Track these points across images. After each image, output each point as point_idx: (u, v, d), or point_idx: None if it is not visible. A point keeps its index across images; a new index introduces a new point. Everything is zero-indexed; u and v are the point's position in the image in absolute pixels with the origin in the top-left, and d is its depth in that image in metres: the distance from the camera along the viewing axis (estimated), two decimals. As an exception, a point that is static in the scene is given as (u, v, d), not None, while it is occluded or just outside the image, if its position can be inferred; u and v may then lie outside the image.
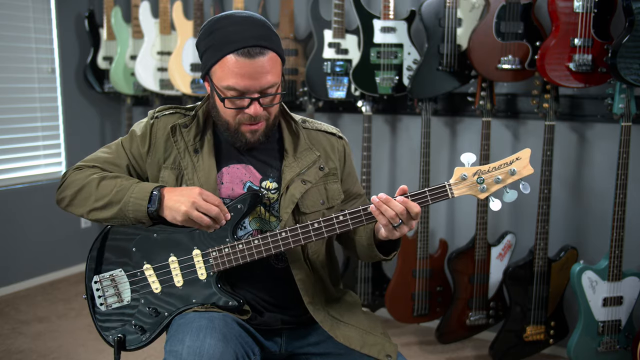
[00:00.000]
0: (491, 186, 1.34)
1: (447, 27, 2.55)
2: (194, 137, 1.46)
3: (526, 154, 1.34)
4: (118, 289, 1.44)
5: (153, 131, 1.48)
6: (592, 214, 2.64)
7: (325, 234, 1.36)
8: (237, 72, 1.30)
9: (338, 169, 1.53)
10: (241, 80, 1.31)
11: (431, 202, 1.33)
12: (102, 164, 1.50)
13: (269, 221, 1.47)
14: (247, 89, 1.32)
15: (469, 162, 1.33)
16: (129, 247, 1.43)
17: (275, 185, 1.46)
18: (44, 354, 2.70)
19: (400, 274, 2.74)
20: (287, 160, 1.46)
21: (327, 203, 1.50)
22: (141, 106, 3.84)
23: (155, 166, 1.48)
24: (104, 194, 1.41)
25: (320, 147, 1.51)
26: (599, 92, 2.49)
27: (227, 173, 1.46)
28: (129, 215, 1.39)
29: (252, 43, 1.30)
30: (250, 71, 1.30)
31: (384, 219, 1.31)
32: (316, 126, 1.55)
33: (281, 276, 1.47)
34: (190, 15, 3.28)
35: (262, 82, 1.32)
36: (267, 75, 1.32)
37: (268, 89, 1.34)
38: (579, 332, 2.34)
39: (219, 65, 1.33)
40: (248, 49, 1.30)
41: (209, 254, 1.39)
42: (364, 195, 1.63)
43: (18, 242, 3.47)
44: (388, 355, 1.43)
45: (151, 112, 1.52)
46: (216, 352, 1.24)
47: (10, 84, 3.41)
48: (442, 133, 2.92)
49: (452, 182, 1.34)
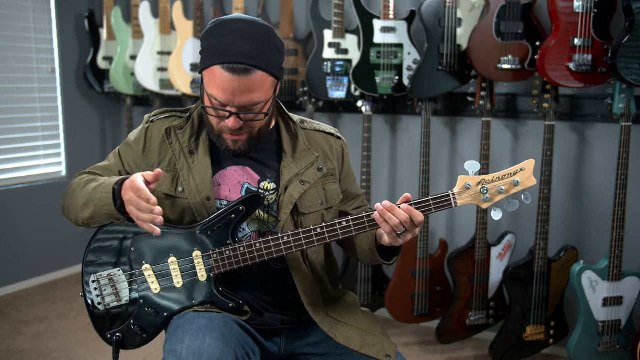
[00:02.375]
0: (494, 196, 1.34)
1: (447, 27, 2.55)
2: (189, 138, 1.46)
3: (530, 165, 1.33)
4: (116, 288, 1.43)
5: (148, 135, 1.49)
6: (592, 214, 2.64)
7: (328, 240, 1.36)
8: (219, 84, 1.30)
9: (336, 170, 1.54)
10: (222, 94, 1.31)
11: (434, 211, 1.33)
12: (99, 170, 1.53)
13: (267, 222, 1.46)
14: (227, 103, 1.32)
15: (473, 171, 1.33)
16: (128, 246, 1.43)
17: (273, 186, 1.46)
18: (44, 354, 2.70)
19: (400, 274, 2.74)
20: (285, 161, 1.46)
21: (325, 203, 1.50)
22: (141, 106, 3.84)
23: (150, 170, 1.47)
24: (85, 194, 1.43)
25: (319, 148, 1.52)
26: (599, 92, 2.49)
27: (225, 175, 1.46)
28: (103, 211, 1.39)
29: (239, 60, 1.28)
30: (231, 87, 1.30)
31: (387, 226, 1.31)
32: (314, 126, 1.55)
33: (280, 277, 1.47)
34: (190, 15, 3.28)
35: (243, 99, 1.31)
36: (249, 94, 1.31)
37: (250, 106, 1.33)
38: (579, 332, 2.34)
39: (207, 72, 1.33)
40: (233, 65, 1.28)
41: (209, 256, 1.39)
42: (362, 196, 1.63)
43: (18, 242, 3.47)
44: (387, 355, 1.43)
45: (147, 116, 1.53)
46: (216, 351, 1.24)
47: (10, 84, 3.41)
48: (442, 133, 2.92)
49: (456, 192, 1.34)
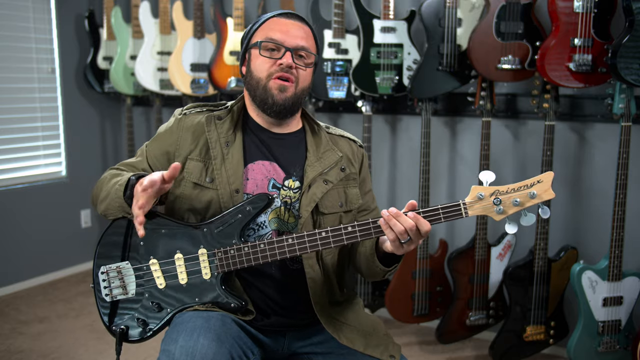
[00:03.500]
0: (509, 208, 1.28)
1: (447, 27, 2.55)
2: (227, 130, 1.49)
3: (549, 177, 1.26)
4: (124, 281, 1.44)
5: (181, 125, 1.50)
6: (592, 214, 2.64)
7: (332, 244, 1.34)
8: (275, 27, 1.44)
9: (357, 174, 1.56)
10: (279, 33, 1.43)
11: (443, 221, 1.29)
12: (125, 166, 1.55)
13: (287, 222, 1.47)
14: (283, 41, 1.42)
15: (488, 182, 1.28)
16: (137, 240, 1.44)
17: (297, 184, 1.48)
18: (44, 354, 2.70)
19: (401, 274, 2.74)
20: (309, 160, 1.49)
21: (345, 206, 1.51)
22: (141, 106, 3.84)
23: (182, 157, 1.48)
24: (107, 188, 1.44)
25: (342, 150, 1.55)
26: (599, 92, 2.49)
27: (253, 169, 1.48)
28: (115, 204, 1.40)
29: (291, 14, 1.48)
30: (287, 29, 1.44)
31: (392, 234, 1.28)
32: (339, 132, 1.60)
33: (294, 278, 1.47)
34: (190, 15, 3.28)
35: (298, 40, 1.43)
36: (302, 39, 1.44)
37: (301, 50, 1.44)
38: (579, 332, 2.34)
39: (261, 28, 1.46)
40: (289, 15, 1.47)
41: (214, 254, 1.39)
42: (377, 210, 1.62)
43: (18, 242, 3.47)
44: (392, 355, 1.43)
45: (178, 110, 1.54)
46: (209, 352, 1.23)
47: (10, 84, 3.41)
48: (442, 133, 2.92)
49: (468, 202, 1.29)
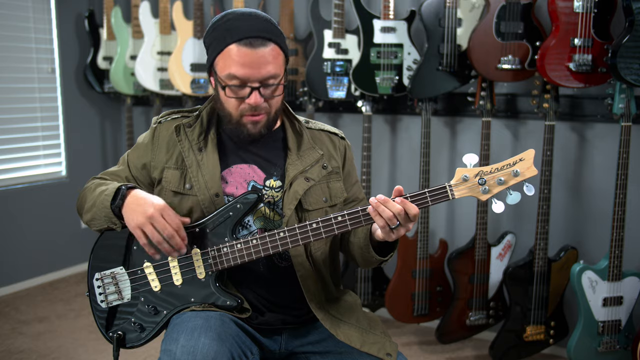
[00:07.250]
0: (493, 188, 1.31)
1: (447, 27, 2.55)
2: (198, 136, 1.48)
3: (530, 154, 1.30)
4: (119, 286, 1.45)
5: (156, 135, 1.52)
6: (592, 214, 2.64)
7: (324, 235, 1.36)
8: (238, 60, 1.33)
9: (340, 168, 1.55)
10: (242, 69, 1.33)
11: (431, 204, 1.31)
12: (109, 175, 1.56)
13: (273, 220, 1.47)
14: (247, 78, 1.34)
15: (471, 164, 1.31)
16: (131, 245, 1.44)
17: (279, 183, 1.48)
18: (44, 354, 2.70)
19: (400, 274, 2.74)
20: (290, 158, 1.48)
21: (329, 201, 1.51)
22: (141, 106, 3.84)
23: (159, 169, 1.50)
24: (92, 197, 1.45)
25: (324, 146, 1.54)
26: (599, 92, 2.49)
27: (232, 172, 1.47)
28: (101, 214, 1.41)
29: (254, 34, 1.33)
30: (251, 60, 1.32)
31: (381, 220, 1.30)
32: (319, 126, 1.58)
33: (284, 275, 1.47)
34: (190, 15, 3.28)
35: (263, 72, 1.34)
36: (267, 66, 1.34)
37: (269, 79, 1.36)
38: (579, 332, 2.34)
39: (222, 56, 1.35)
40: (250, 39, 1.32)
41: (207, 253, 1.40)
42: (364, 200, 1.63)
43: (18, 242, 3.47)
44: (388, 353, 1.43)
45: (155, 118, 1.56)
46: (210, 351, 1.23)
47: (10, 84, 3.41)
48: (442, 133, 2.92)
49: (453, 183, 1.31)
